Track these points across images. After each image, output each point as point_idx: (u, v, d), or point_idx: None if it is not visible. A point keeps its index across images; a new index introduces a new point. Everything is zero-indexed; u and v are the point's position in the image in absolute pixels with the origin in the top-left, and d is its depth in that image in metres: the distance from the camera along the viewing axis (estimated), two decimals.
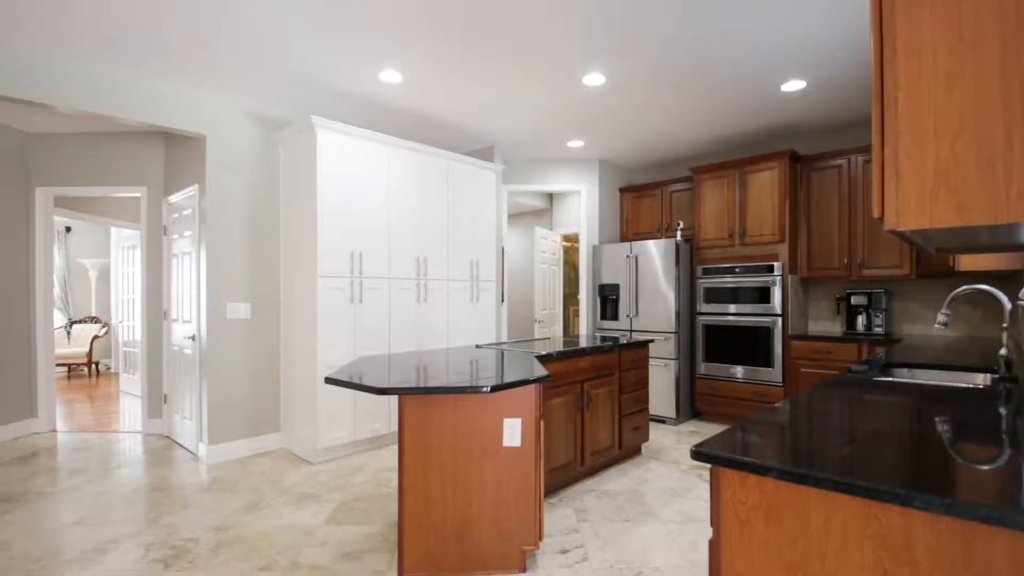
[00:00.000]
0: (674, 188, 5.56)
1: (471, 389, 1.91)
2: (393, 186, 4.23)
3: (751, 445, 1.19)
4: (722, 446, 1.17)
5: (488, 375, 2.22)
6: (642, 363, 3.95)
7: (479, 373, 2.28)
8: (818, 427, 1.34)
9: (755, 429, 1.33)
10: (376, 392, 1.88)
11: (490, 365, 2.55)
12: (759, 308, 4.65)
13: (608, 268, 5.43)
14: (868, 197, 4.38)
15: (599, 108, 4.23)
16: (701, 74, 3.59)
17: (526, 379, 2.11)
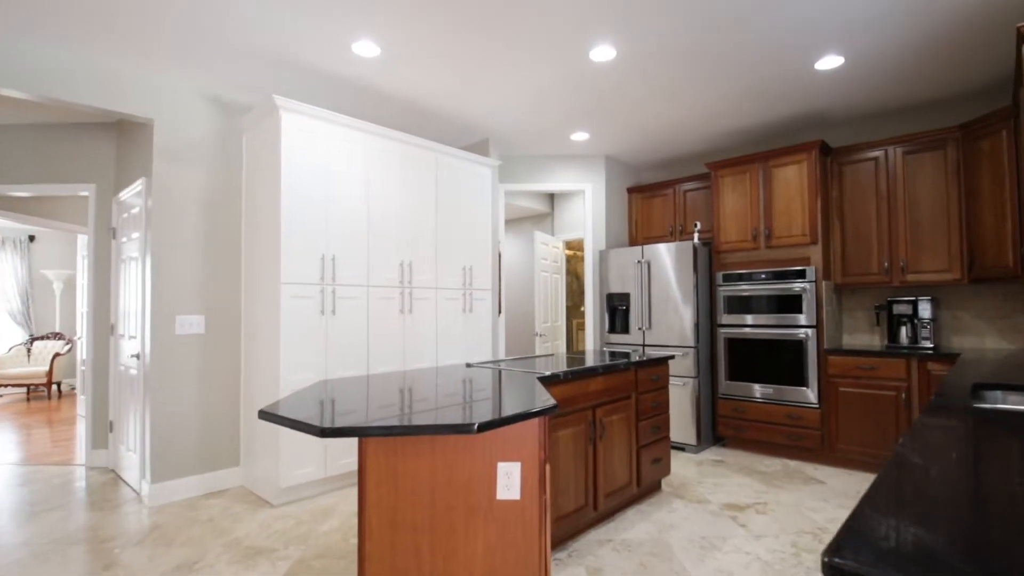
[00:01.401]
0: (688, 187, 5.06)
1: (450, 429, 1.36)
2: (373, 180, 3.70)
3: (921, 549, 0.63)
4: (873, 553, 0.61)
5: (479, 404, 1.67)
6: (662, 383, 3.40)
7: (469, 401, 1.73)
8: (994, 498, 0.78)
9: (903, 510, 0.77)
10: (316, 433, 1.32)
11: (483, 391, 1.99)
12: (789, 319, 4.11)
13: (617, 275, 4.90)
14: (911, 191, 3.87)
15: (607, 90, 3.73)
16: (725, 48, 3.10)
17: (527, 412, 1.55)
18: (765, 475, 3.74)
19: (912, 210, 3.86)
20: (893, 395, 3.66)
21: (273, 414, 1.48)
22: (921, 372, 3.56)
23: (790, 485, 3.52)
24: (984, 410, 1.51)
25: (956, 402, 1.68)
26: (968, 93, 3.79)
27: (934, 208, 3.77)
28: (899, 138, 3.90)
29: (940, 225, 3.75)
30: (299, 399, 1.81)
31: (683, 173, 5.50)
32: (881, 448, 3.69)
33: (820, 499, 3.25)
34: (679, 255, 4.47)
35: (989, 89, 3.74)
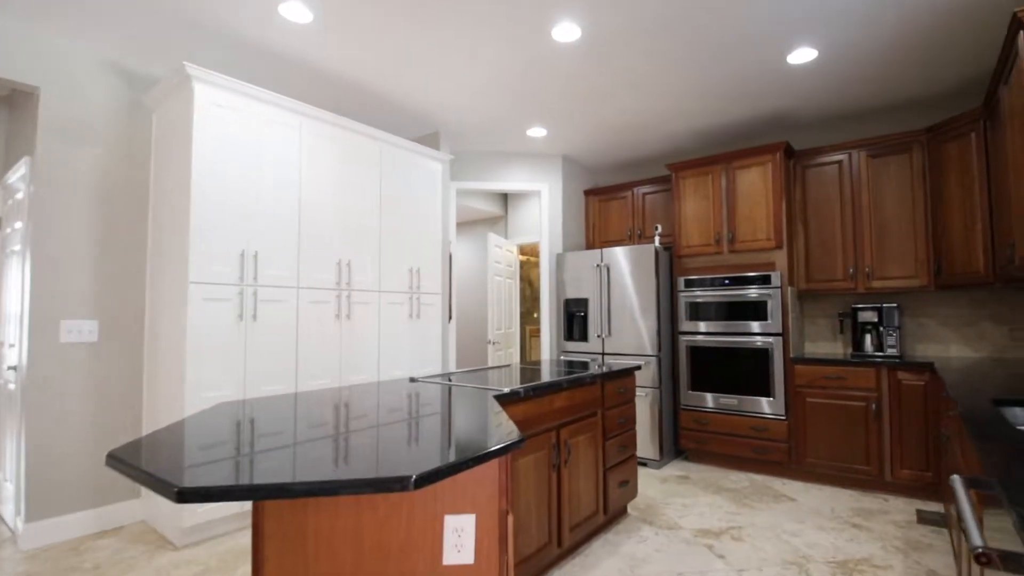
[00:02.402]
0: (646, 190, 4.84)
1: (374, 485, 0.96)
2: (307, 169, 3.24)
3: None
4: None
5: (423, 439, 1.28)
6: (629, 396, 3.10)
7: (410, 435, 1.34)
8: None
9: None
10: (172, 497, 0.89)
11: (429, 417, 1.60)
12: (754, 326, 3.92)
13: (575, 280, 4.60)
14: (876, 196, 3.78)
15: (568, 77, 3.43)
16: (696, 32, 2.86)
17: (484, 453, 1.18)
18: (734, 493, 3.50)
19: (878, 215, 3.77)
20: (862, 406, 3.52)
21: (123, 461, 1.04)
22: (891, 382, 3.43)
23: (761, 504, 3.30)
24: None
25: (997, 426, 1.43)
26: (935, 96, 3.74)
27: (900, 213, 3.69)
28: (863, 141, 3.80)
29: (906, 230, 3.66)
30: (182, 432, 1.36)
31: (642, 176, 5.29)
32: (851, 461, 3.53)
33: (796, 520, 3.03)
34: (640, 259, 4.22)
35: (957, 92, 3.70)
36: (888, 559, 2.52)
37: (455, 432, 1.37)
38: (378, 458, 1.12)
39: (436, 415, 1.61)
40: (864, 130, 4.12)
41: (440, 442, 1.26)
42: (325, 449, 1.19)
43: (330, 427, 1.43)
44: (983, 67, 3.29)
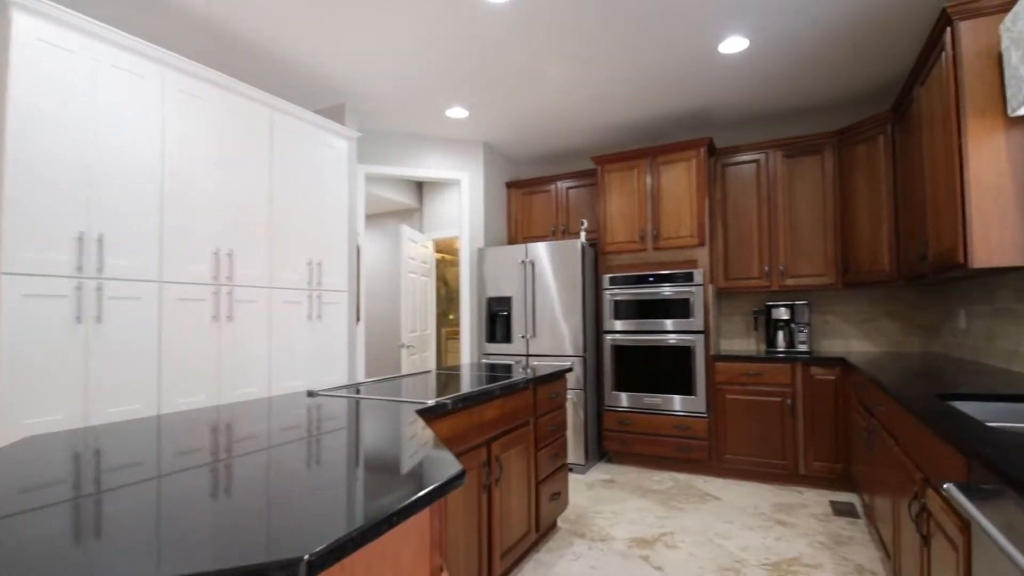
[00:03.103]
0: (570, 184, 4.68)
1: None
2: (173, 133, 2.64)
3: None
4: None
5: (323, 487, 0.91)
6: (560, 401, 2.86)
7: (306, 474, 0.96)
8: None
9: None
10: None
11: (331, 449, 1.22)
12: (677, 324, 3.87)
13: (497, 277, 4.32)
14: (791, 196, 3.87)
15: (492, 49, 3.13)
16: (628, 11, 2.68)
17: (411, 502, 0.84)
18: (660, 495, 3.40)
19: (792, 214, 3.86)
20: (779, 401, 3.56)
21: None
22: (805, 377, 3.50)
23: (688, 505, 3.21)
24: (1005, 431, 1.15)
25: (963, 423, 1.32)
26: (847, 100, 3.88)
27: (812, 212, 3.80)
28: (779, 141, 3.88)
29: (817, 229, 3.78)
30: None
31: (566, 169, 5.13)
32: (768, 456, 3.57)
33: (724, 520, 2.96)
34: (565, 255, 4.03)
35: (868, 96, 3.85)
36: (817, 557, 2.49)
37: (369, 468, 1.00)
38: (251, 527, 0.73)
39: (341, 444, 1.23)
40: (781, 131, 4.23)
41: (347, 489, 0.89)
42: (160, 524, 0.78)
43: (198, 468, 1.01)
44: (895, 71, 3.44)
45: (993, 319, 2.66)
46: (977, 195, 2.17)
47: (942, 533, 1.34)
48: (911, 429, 1.67)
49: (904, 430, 1.77)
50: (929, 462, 1.46)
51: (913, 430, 1.65)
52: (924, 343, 3.70)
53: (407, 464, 1.03)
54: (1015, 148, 2.13)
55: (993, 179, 2.15)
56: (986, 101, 2.17)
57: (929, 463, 1.46)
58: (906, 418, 1.74)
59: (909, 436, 1.70)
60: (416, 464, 1.04)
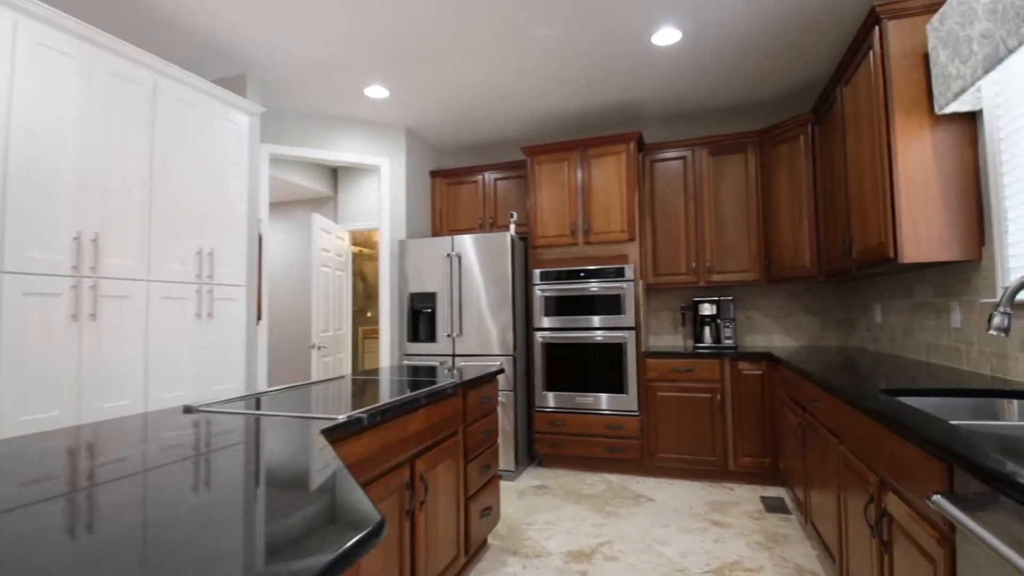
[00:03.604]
0: (499, 175, 4.45)
1: None
2: (24, 91, 2.10)
3: None
4: None
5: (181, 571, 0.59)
6: (492, 405, 2.61)
7: (155, 549, 0.63)
8: None
9: None
10: None
11: (195, 508, 0.89)
12: (609, 320, 3.77)
13: (420, 271, 4.00)
14: (717, 193, 3.89)
15: (413, 21, 2.83)
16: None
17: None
18: (594, 499, 3.26)
19: (718, 211, 3.88)
20: (709, 397, 3.55)
21: None
22: (733, 372, 3.52)
23: (623, 509, 3.09)
24: (966, 427, 1.06)
25: (925, 422, 1.23)
26: (770, 100, 3.93)
27: (736, 210, 3.84)
28: (706, 139, 3.89)
29: (742, 227, 3.82)
30: None
31: (494, 159, 4.90)
32: (699, 453, 3.55)
33: (661, 524, 2.86)
34: (494, 248, 3.80)
35: (790, 97, 3.93)
36: (756, 559, 2.44)
37: (252, 533, 0.70)
38: None
39: (214, 495, 0.90)
40: (708, 129, 4.26)
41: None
42: None
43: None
44: (817, 73, 3.52)
45: (911, 314, 2.75)
46: (906, 192, 2.19)
47: (912, 543, 1.24)
48: (862, 428, 1.60)
49: (853, 429, 1.71)
50: (889, 464, 1.37)
51: (865, 429, 1.58)
52: (840, 337, 3.86)
53: (300, 523, 0.74)
54: (940, 145, 2.16)
55: (920, 176, 2.18)
56: (913, 100, 2.20)
57: (889, 465, 1.37)
58: (855, 417, 1.67)
59: (859, 435, 1.63)
60: (314, 518, 0.75)
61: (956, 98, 1.93)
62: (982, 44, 1.60)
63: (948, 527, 1.04)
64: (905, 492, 1.27)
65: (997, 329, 1.46)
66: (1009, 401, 1.59)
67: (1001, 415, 1.64)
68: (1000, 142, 1.97)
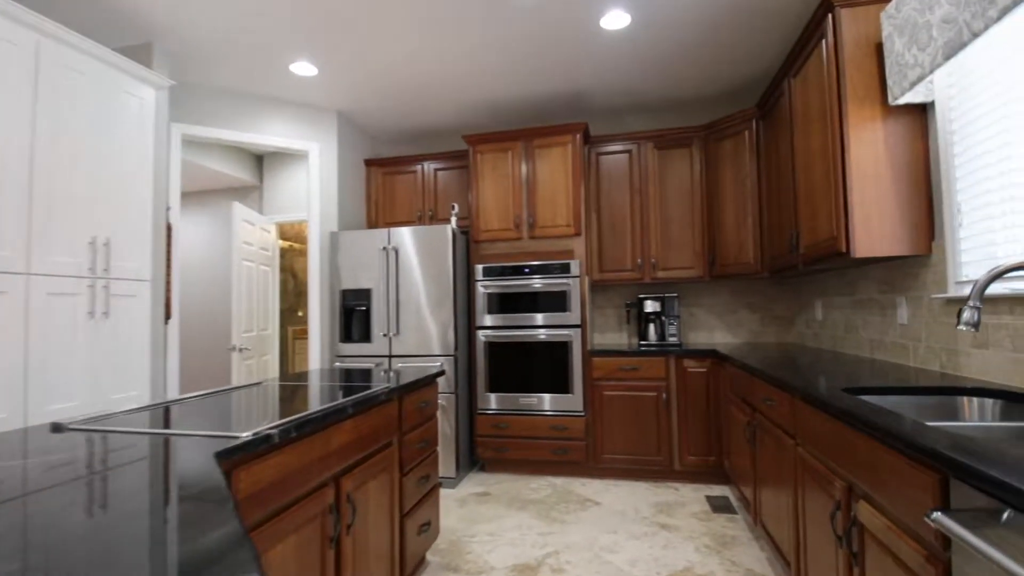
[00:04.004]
0: (439, 165, 4.22)
1: None
2: None
3: None
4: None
5: None
6: (431, 411, 2.39)
7: None
8: None
9: None
10: None
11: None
12: (555, 318, 3.63)
13: (354, 266, 3.70)
14: (662, 188, 3.84)
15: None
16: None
17: None
18: (539, 506, 3.10)
19: (663, 206, 3.84)
20: (654, 396, 3.49)
21: None
22: (679, 370, 3.47)
23: (569, 516, 2.95)
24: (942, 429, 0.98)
25: (924, 430, 1.14)
26: (722, 93, 3.90)
27: (682, 205, 3.80)
28: (652, 132, 3.83)
29: (687, 222, 3.79)
30: None
31: (434, 149, 4.65)
32: (645, 453, 3.48)
33: (608, 530, 2.74)
34: (434, 242, 3.56)
35: (735, 92, 3.93)
36: (707, 563, 2.36)
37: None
38: None
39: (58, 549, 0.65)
40: (655, 123, 4.21)
41: None
42: None
43: None
44: (763, 68, 3.52)
45: (854, 310, 2.77)
46: (858, 185, 2.16)
47: (890, 557, 1.15)
48: (827, 430, 1.52)
49: (816, 431, 1.63)
50: (862, 471, 1.28)
51: (831, 431, 1.49)
52: (779, 334, 3.91)
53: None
54: (892, 138, 2.15)
55: (872, 168, 2.16)
56: (866, 90, 2.18)
57: (862, 472, 1.29)
58: (818, 418, 1.59)
59: (823, 438, 1.55)
60: None
61: (912, 87, 1.91)
62: (943, 30, 1.56)
63: (941, 544, 0.94)
64: (882, 502, 1.17)
65: (967, 324, 1.41)
66: (971, 399, 1.56)
67: (963, 414, 1.61)
68: (953, 134, 1.97)
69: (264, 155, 4.97)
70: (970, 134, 1.88)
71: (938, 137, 2.04)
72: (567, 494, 3.30)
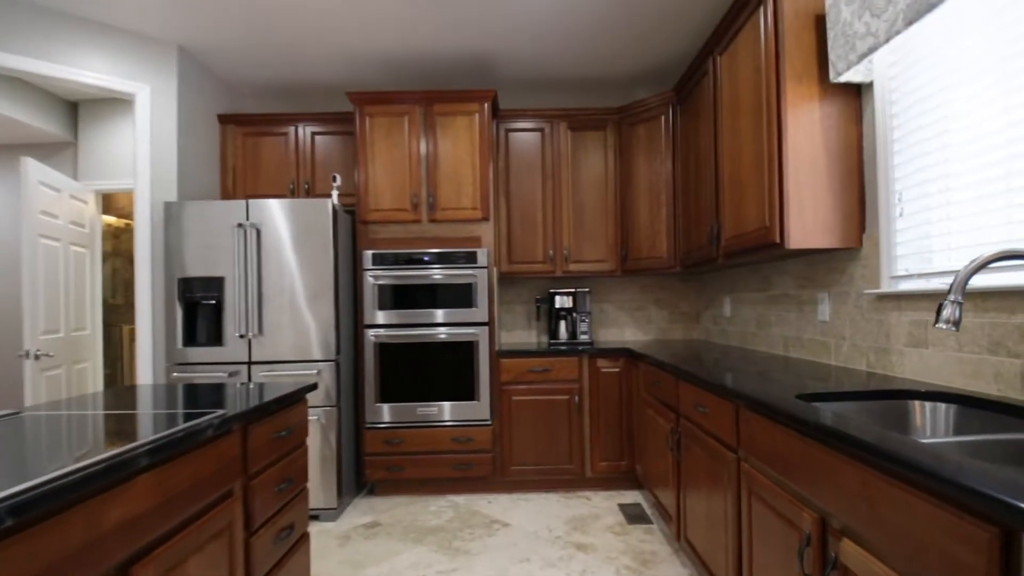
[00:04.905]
0: (320, 129, 3.54)
1: None
2: None
3: None
4: None
5: None
6: (297, 439, 1.81)
7: None
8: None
9: None
10: None
11: None
12: (459, 315, 3.17)
13: (201, 248, 2.92)
14: (576, 173, 3.53)
15: None
16: None
17: None
18: (440, 534, 2.63)
19: (577, 193, 3.53)
20: (566, 399, 3.17)
21: None
22: (592, 371, 3.18)
23: (475, 543, 2.52)
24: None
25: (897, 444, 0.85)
26: (639, 75, 3.60)
27: (596, 193, 3.52)
28: (565, 111, 3.50)
29: (600, 212, 3.52)
30: None
31: (314, 108, 3.94)
32: (555, 462, 3.15)
33: (520, 558, 2.35)
34: (311, 220, 2.92)
35: (658, 74, 3.65)
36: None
37: None
38: None
39: None
40: (567, 101, 3.88)
41: None
42: None
43: None
44: (681, 51, 3.30)
45: (767, 306, 2.64)
46: (794, 171, 1.96)
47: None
48: (793, 449, 1.23)
49: (772, 447, 1.34)
50: (850, 504, 0.99)
51: (797, 451, 1.21)
52: (685, 330, 3.79)
53: None
54: (827, 120, 1.98)
55: (809, 153, 1.97)
56: (804, 66, 1.98)
57: (850, 505, 0.99)
58: (775, 432, 1.31)
59: (785, 456, 1.27)
60: None
61: (860, 60, 1.72)
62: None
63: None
64: (885, 550, 0.88)
65: (947, 322, 1.19)
66: (923, 405, 1.36)
67: (916, 423, 1.41)
68: (893, 118, 1.82)
69: (81, 103, 3.88)
70: (911, 118, 1.74)
71: (875, 121, 1.89)
72: (472, 516, 2.86)
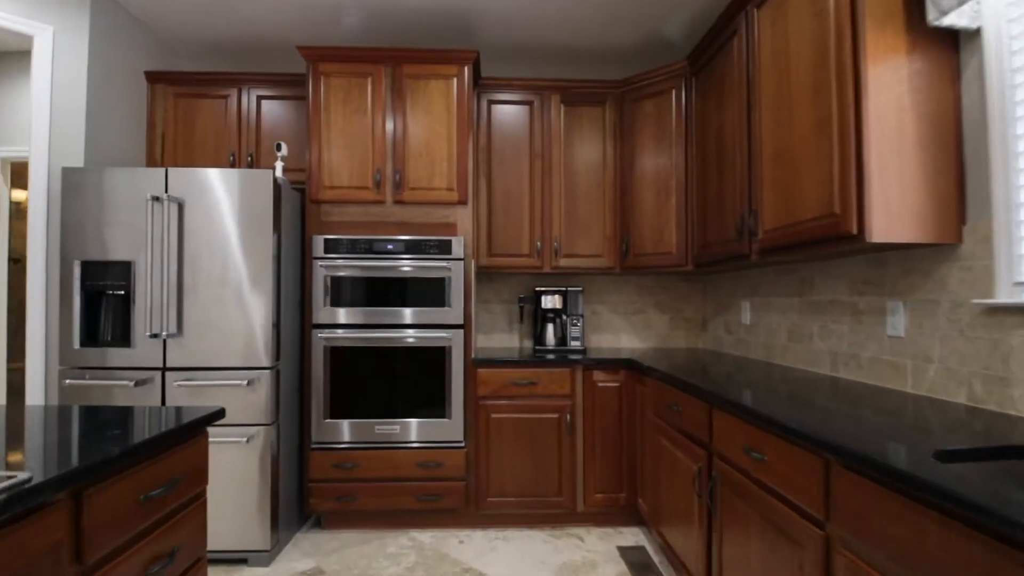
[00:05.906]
0: (267, 92, 2.96)
1: None
2: None
3: None
4: None
5: None
6: (189, 486, 1.27)
7: None
8: None
9: None
10: None
11: None
12: (430, 315, 2.65)
13: (105, 226, 2.32)
14: (569, 153, 3.04)
15: None
16: None
17: None
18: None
19: (570, 177, 3.04)
20: (555, 418, 2.68)
21: None
22: (587, 385, 2.70)
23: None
24: None
25: None
26: (647, 45, 3.09)
27: (592, 177, 3.05)
28: (557, 82, 3.01)
29: (596, 199, 3.04)
30: None
31: (260, 68, 3.35)
32: (541, 494, 2.66)
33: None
34: (248, 194, 2.35)
35: (668, 46, 3.20)
36: None
37: None
38: None
39: None
40: (560, 72, 3.39)
41: None
42: None
43: None
44: (693, 20, 2.85)
45: (806, 314, 2.20)
46: (877, 142, 1.51)
47: None
48: (947, 544, 0.77)
49: (900, 533, 0.88)
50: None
51: (959, 547, 0.74)
52: (690, 338, 3.35)
53: None
54: (918, 79, 1.53)
55: (894, 120, 1.52)
56: (887, 10, 1.53)
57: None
58: (935, 524, 0.85)
59: (923, 549, 0.81)
60: None
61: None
62: None
63: None
64: None
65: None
66: None
67: None
68: (1016, 73, 1.38)
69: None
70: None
71: (986, 78, 1.45)
72: (439, 562, 2.35)
